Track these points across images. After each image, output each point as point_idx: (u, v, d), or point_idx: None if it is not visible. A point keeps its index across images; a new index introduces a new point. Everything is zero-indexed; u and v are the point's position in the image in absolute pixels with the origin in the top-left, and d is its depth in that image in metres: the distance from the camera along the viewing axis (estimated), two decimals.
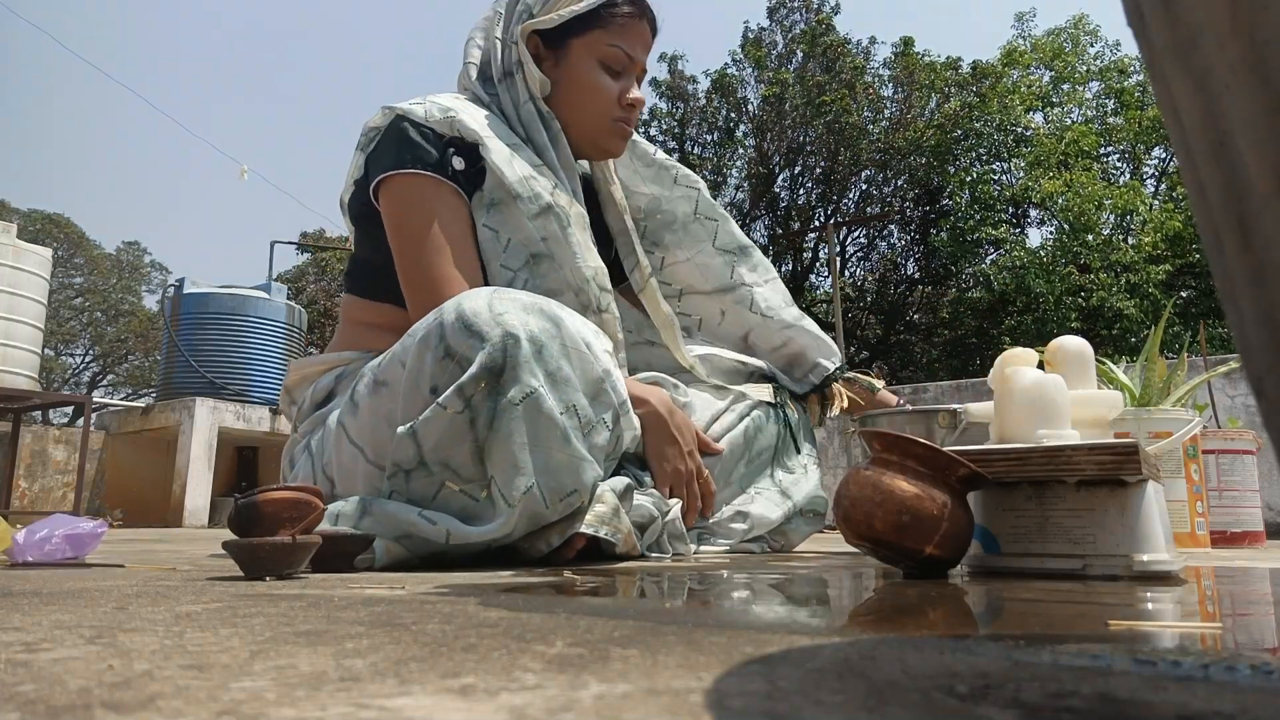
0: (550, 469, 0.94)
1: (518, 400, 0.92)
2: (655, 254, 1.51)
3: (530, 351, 0.93)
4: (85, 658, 0.34)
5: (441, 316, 0.97)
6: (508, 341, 0.92)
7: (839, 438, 3.69)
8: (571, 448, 0.95)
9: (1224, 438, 1.72)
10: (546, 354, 0.95)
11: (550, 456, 0.94)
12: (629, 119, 1.33)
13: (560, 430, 0.94)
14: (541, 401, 0.93)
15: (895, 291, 15.11)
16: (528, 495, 0.92)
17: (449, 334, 0.95)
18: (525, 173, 1.21)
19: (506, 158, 1.20)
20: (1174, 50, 0.23)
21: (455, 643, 0.38)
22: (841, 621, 0.50)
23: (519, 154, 1.23)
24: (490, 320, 0.94)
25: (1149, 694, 0.28)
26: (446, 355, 0.94)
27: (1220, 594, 0.70)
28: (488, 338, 0.93)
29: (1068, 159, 12.92)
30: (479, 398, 0.92)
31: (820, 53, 14.52)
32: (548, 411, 0.93)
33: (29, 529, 0.98)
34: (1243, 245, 0.22)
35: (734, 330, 1.51)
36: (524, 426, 0.92)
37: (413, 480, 0.96)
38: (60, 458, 5.04)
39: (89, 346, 20.64)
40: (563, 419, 0.95)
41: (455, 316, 0.95)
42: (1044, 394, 0.84)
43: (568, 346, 0.98)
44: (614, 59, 1.30)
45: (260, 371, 5.02)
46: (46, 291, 4.69)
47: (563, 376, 0.96)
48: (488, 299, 0.97)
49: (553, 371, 0.95)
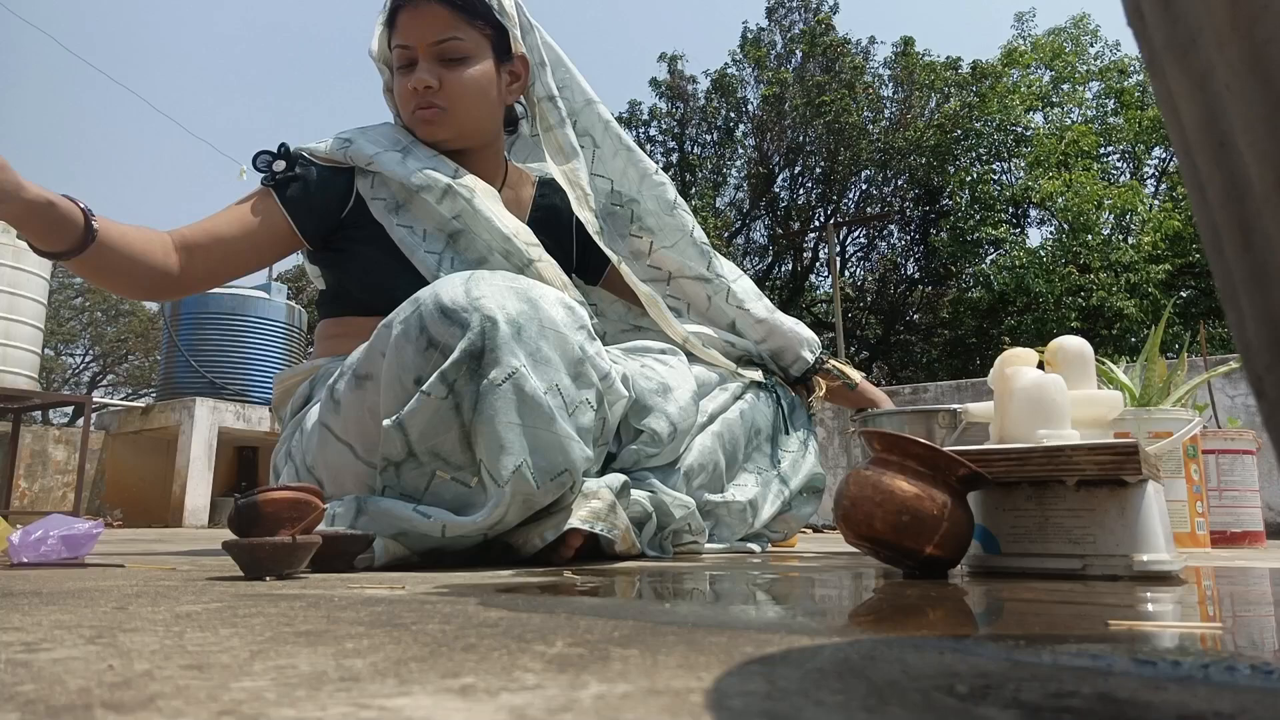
0: (538, 448, 0.93)
1: (500, 381, 0.92)
2: (644, 239, 1.51)
3: (509, 333, 0.93)
4: (85, 658, 0.34)
5: (419, 306, 0.96)
6: (486, 324, 0.92)
7: (839, 438, 3.68)
8: (557, 426, 0.95)
9: (1224, 438, 1.72)
10: (526, 335, 0.95)
11: (537, 435, 0.94)
12: (421, 103, 1.30)
13: (545, 409, 0.94)
14: (525, 381, 0.93)
15: (895, 291, 15.11)
16: (517, 475, 0.92)
17: (429, 323, 0.94)
18: (419, 165, 1.27)
19: (399, 160, 1.27)
20: (1174, 50, 0.23)
21: (455, 643, 0.38)
22: (841, 621, 0.50)
23: (414, 150, 1.30)
24: (467, 304, 0.94)
25: (1149, 694, 0.28)
26: (430, 345, 0.94)
27: (1220, 594, 0.70)
28: (467, 324, 0.93)
29: (1068, 159, 12.92)
30: (461, 382, 0.92)
31: (820, 53, 14.52)
32: (531, 391, 0.93)
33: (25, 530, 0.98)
34: (1243, 245, 0.22)
35: (720, 318, 1.52)
36: (509, 406, 0.92)
37: (403, 473, 0.96)
38: (60, 458, 5.04)
39: (89, 346, 20.64)
40: (547, 398, 0.94)
41: (433, 305, 0.95)
42: (1044, 394, 0.84)
43: (545, 327, 0.98)
44: (398, 59, 1.32)
45: (260, 371, 5.01)
46: (46, 291, 4.68)
47: (543, 356, 0.96)
48: (464, 284, 0.97)
49: (533, 352, 0.95)
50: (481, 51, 1.32)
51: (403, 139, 1.32)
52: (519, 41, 1.37)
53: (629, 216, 1.51)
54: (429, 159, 1.29)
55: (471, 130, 1.34)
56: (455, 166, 1.30)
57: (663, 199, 1.49)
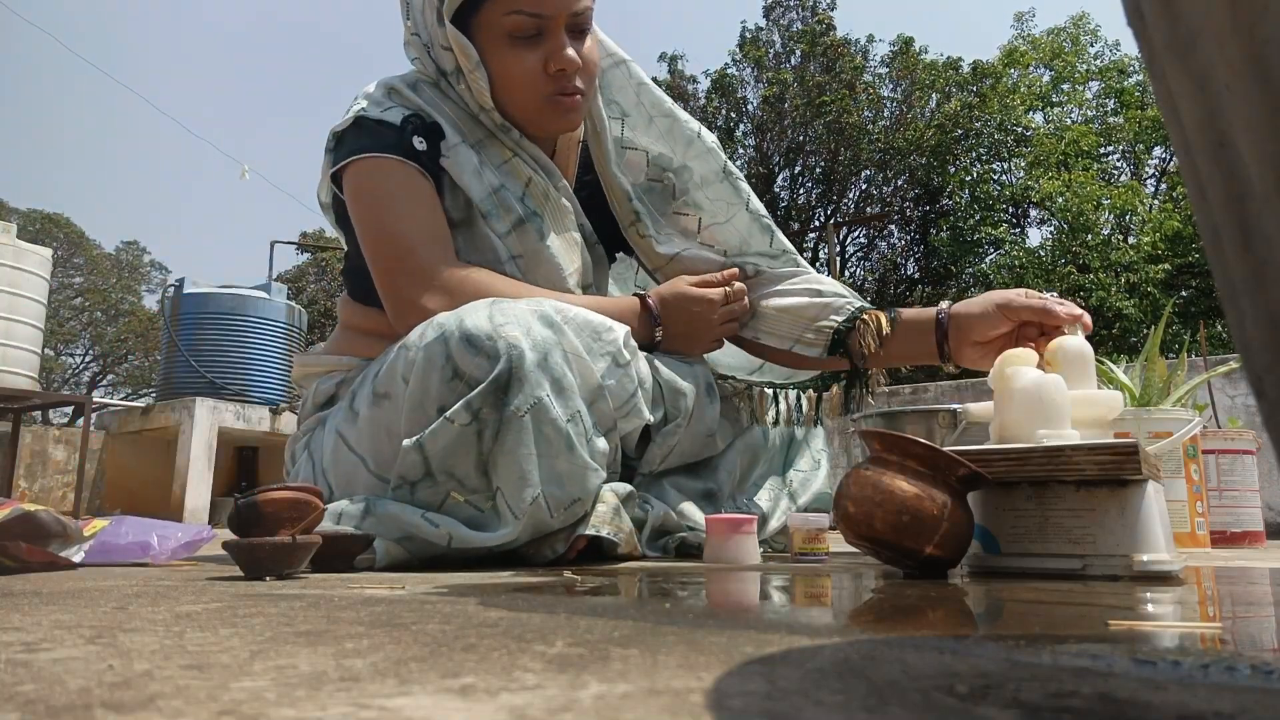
0: (555, 477, 0.94)
1: (524, 411, 0.92)
2: (691, 215, 1.30)
3: (534, 360, 0.93)
4: (85, 658, 0.34)
5: (445, 335, 0.95)
6: (512, 353, 0.92)
7: (839, 438, 3.68)
8: (576, 455, 0.95)
9: (1224, 438, 1.72)
10: (551, 361, 0.95)
11: (555, 465, 0.94)
12: (563, 87, 1.13)
13: (565, 438, 0.94)
14: (547, 410, 0.93)
15: (895, 291, 15.11)
16: (534, 505, 0.92)
17: (455, 353, 0.94)
18: (495, 183, 1.14)
19: (475, 168, 1.13)
20: (1174, 50, 0.23)
21: (455, 643, 0.38)
22: (841, 621, 0.50)
23: (485, 151, 1.16)
24: (493, 333, 0.93)
25: (1149, 694, 0.28)
26: (455, 376, 0.94)
27: (1220, 594, 0.70)
28: (495, 354, 0.92)
29: (1068, 159, 12.92)
30: (487, 410, 0.92)
31: (820, 53, 14.52)
32: (553, 419, 0.93)
33: (161, 535, 0.99)
34: (1243, 245, 0.22)
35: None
36: (530, 437, 0.92)
37: (418, 491, 0.96)
38: (60, 458, 5.04)
39: (89, 346, 20.63)
40: (567, 427, 0.94)
41: (459, 335, 0.94)
42: (1044, 394, 0.84)
43: (569, 354, 0.97)
44: (518, 27, 1.10)
45: (260, 371, 5.01)
46: (46, 291, 4.68)
47: (567, 384, 0.96)
48: (488, 312, 0.96)
49: (558, 378, 0.95)
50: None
51: (481, 123, 1.15)
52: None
53: (671, 191, 1.30)
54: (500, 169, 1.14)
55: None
56: (528, 178, 1.16)
57: (712, 167, 1.29)
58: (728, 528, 1.02)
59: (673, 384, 1.17)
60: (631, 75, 1.28)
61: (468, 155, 1.13)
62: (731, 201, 1.29)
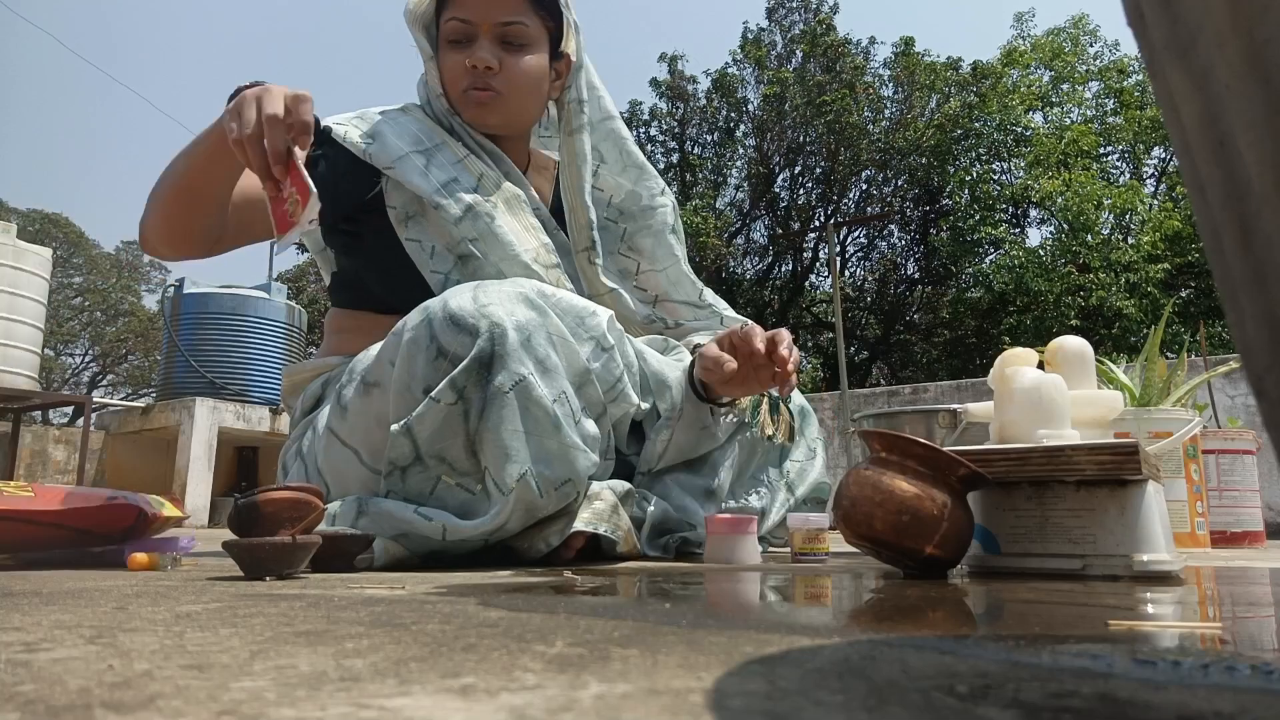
0: (543, 457, 0.94)
1: (508, 387, 0.92)
2: (632, 258, 1.45)
3: (518, 340, 0.94)
4: (85, 658, 0.34)
5: (429, 315, 0.96)
6: (495, 331, 0.93)
7: (839, 438, 3.69)
8: (563, 435, 0.95)
9: (1224, 438, 1.72)
10: (534, 342, 0.95)
11: (543, 444, 0.94)
12: (477, 83, 1.25)
13: (552, 418, 0.94)
14: (532, 388, 0.93)
15: (895, 291, 15.11)
16: (521, 483, 0.92)
17: (439, 332, 0.95)
18: (445, 177, 1.21)
19: (421, 169, 1.20)
20: (1174, 50, 0.23)
21: (455, 643, 0.38)
22: (841, 621, 0.50)
23: (439, 155, 1.24)
24: (476, 312, 0.94)
25: (1149, 694, 0.28)
26: (439, 355, 0.95)
27: (1220, 594, 0.70)
28: (476, 331, 0.93)
29: (1067, 159, 12.92)
30: (470, 388, 0.92)
31: (820, 53, 14.52)
32: (538, 398, 0.93)
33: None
34: (1243, 245, 0.22)
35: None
36: (515, 414, 0.92)
37: (409, 477, 0.96)
38: (60, 458, 5.04)
39: (89, 346, 20.63)
40: (554, 407, 0.95)
41: (443, 314, 0.95)
42: (1044, 394, 0.84)
43: (553, 336, 0.98)
44: (453, 32, 1.25)
45: (260, 371, 5.02)
46: (46, 291, 4.68)
47: (551, 364, 0.96)
48: (472, 292, 0.97)
49: (541, 359, 0.96)
50: (540, 42, 1.28)
51: (432, 135, 1.26)
52: (569, 40, 1.32)
53: (620, 234, 1.45)
54: (452, 166, 1.23)
55: (518, 120, 1.31)
56: (480, 172, 1.24)
57: (665, 221, 1.45)
58: (728, 527, 1.02)
59: (659, 375, 1.21)
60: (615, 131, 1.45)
61: (414, 162, 1.22)
62: (671, 255, 1.45)
